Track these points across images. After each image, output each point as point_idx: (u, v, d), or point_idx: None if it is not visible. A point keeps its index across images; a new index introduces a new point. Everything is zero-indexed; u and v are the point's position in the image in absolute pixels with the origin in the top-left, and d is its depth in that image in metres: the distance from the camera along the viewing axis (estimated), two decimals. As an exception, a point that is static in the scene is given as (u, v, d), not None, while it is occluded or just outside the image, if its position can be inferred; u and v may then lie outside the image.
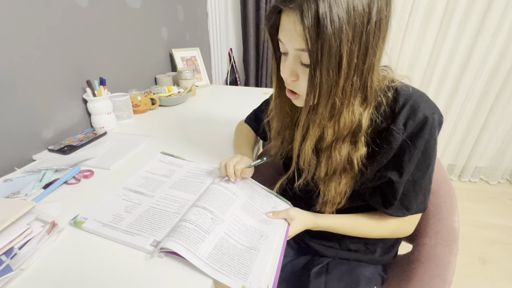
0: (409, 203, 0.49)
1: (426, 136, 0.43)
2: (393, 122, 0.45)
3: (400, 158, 0.46)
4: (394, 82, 0.46)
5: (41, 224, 0.44)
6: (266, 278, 0.40)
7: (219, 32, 1.86)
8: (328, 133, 0.45)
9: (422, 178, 0.47)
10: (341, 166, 0.48)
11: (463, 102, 1.75)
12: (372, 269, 0.61)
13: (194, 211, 0.49)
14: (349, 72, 0.39)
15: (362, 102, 0.44)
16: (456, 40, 1.60)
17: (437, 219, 0.58)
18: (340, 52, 0.37)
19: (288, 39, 0.41)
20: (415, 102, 0.44)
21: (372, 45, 0.38)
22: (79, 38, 0.83)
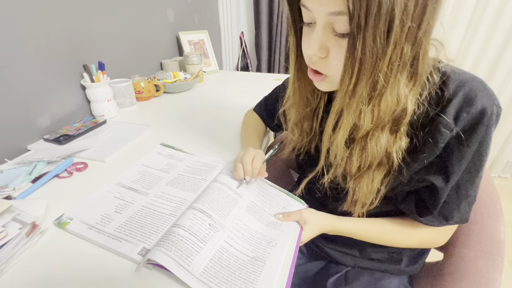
0: (450, 212, 0.40)
1: (482, 133, 0.34)
2: (441, 113, 0.35)
3: (447, 159, 0.37)
4: (441, 63, 0.37)
5: (19, 226, 0.40)
6: None
7: (230, 14, 1.75)
8: (365, 119, 0.36)
9: (469, 184, 0.38)
10: (378, 159, 0.39)
11: (499, 88, 1.58)
12: (397, 282, 0.53)
13: (190, 215, 0.42)
14: (401, 38, 0.30)
15: (409, 79, 0.34)
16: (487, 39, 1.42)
17: (477, 227, 0.48)
18: (392, 12, 0.28)
19: (319, 1, 0.32)
20: (472, 89, 0.34)
21: (432, 2, 0.29)
22: (76, 18, 0.76)
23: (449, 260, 0.51)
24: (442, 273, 0.51)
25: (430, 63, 0.35)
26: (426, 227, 0.45)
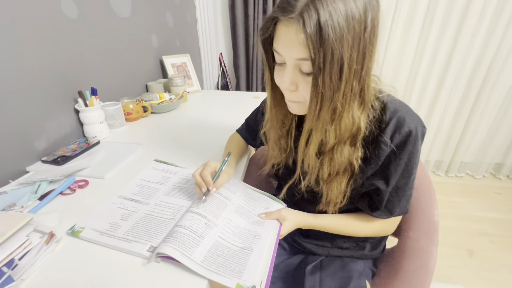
0: (393, 207, 0.53)
1: (410, 148, 0.47)
2: (381, 134, 0.48)
3: (386, 168, 0.49)
4: (382, 93, 0.49)
5: (40, 235, 0.46)
6: (259, 274, 0.43)
7: (209, 37, 1.88)
8: (330, 136, 0.46)
9: (405, 185, 0.51)
10: (343, 167, 0.50)
11: (447, 102, 1.82)
12: (363, 264, 0.64)
13: (189, 217, 0.51)
14: (350, 77, 0.41)
15: (359, 105, 0.46)
16: (437, 43, 1.67)
17: (418, 213, 0.61)
18: (341, 59, 0.38)
19: (288, 50, 0.42)
20: (401, 117, 0.47)
21: (369, 50, 0.41)
22: (69, 49, 0.84)
23: (400, 242, 0.64)
24: (397, 254, 0.63)
25: (372, 93, 0.47)
26: (378, 219, 0.57)
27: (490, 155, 1.92)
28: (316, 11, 0.36)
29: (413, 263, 0.57)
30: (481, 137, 1.88)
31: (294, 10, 0.38)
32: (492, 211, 1.69)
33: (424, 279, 0.54)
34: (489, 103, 1.76)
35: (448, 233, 1.52)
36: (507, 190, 1.88)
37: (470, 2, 1.53)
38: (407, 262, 0.58)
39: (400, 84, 1.84)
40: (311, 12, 0.37)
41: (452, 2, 1.56)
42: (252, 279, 0.42)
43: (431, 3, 1.59)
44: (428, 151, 2.00)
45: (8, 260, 0.40)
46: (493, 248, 1.42)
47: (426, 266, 0.55)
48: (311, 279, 0.60)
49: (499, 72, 1.67)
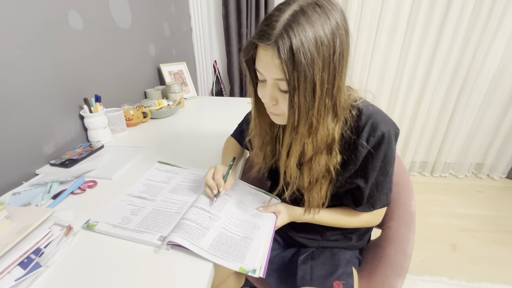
0: (374, 202, 0.60)
1: (384, 148, 0.53)
2: (358, 137, 0.54)
3: (365, 167, 0.56)
4: (357, 102, 0.55)
5: (60, 228, 0.51)
6: (259, 259, 0.49)
7: (203, 46, 1.95)
8: (308, 148, 0.52)
9: (384, 181, 0.58)
10: (321, 174, 0.55)
11: (429, 106, 1.94)
12: (350, 254, 0.70)
13: (194, 212, 0.57)
14: (322, 96, 0.46)
15: (333, 118, 0.51)
16: (418, 52, 1.79)
17: (398, 205, 0.69)
18: (313, 80, 0.43)
19: (267, 71, 0.47)
20: (375, 121, 0.52)
21: (338, 71, 0.46)
22: (75, 58, 0.89)
23: (383, 232, 0.71)
24: (381, 242, 0.70)
25: (347, 105, 0.53)
26: (363, 213, 0.63)
27: (471, 156, 2.04)
28: (289, 39, 0.41)
29: (394, 248, 0.64)
30: (462, 139, 2.00)
31: (271, 38, 0.43)
32: (473, 208, 1.79)
33: (403, 261, 0.61)
34: (468, 107, 1.88)
35: (433, 229, 1.61)
36: (487, 188, 1.99)
37: (448, 13, 1.66)
38: (389, 248, 0.65)
39: (385, 91, 1.94)
40: (285, 40, 0.41)
41: (431, 14, 1.68)
42: (253, 264, 0.48)
43: (412, 14, 1.71)
44: (413, 153, 2.11)
45: (35, 248, 0.45)
46: (474, 242, 1.52)
47: (405, 251, 0.62)
48: (303, 268, 0.67)
49: (475, 78, 1.79)
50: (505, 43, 1.68)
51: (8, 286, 0.39)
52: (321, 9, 0.43)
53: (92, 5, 0.95)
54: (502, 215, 1.73)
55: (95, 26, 0.97)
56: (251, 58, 0.52)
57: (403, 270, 0.60)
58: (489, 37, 1.67)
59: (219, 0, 1.89)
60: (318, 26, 0.42)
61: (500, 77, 1.79)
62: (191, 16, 1.83)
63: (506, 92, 1.83)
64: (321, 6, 0.43)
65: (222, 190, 0.62)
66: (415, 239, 0.64)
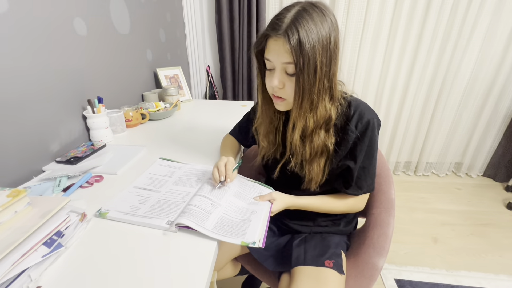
0: (361, 184, 0.68)
1: (369, 134, 0.63)
2: (348, 124, 0.64)
3: (354, 150, 0.65)
4: (346, 94, 0.66)
5: (76, 214, 0.56)
6: (258, 233, 0.56)
7: (197, 51, 2.02)
8: (309, 122, 0.61)
9: (369, 165, 0.67)
10: (320, 148, 0.64)
11: (411, 109, 2.07)
12: (339, 238, 0.78)
13: (198, 199, 0.63)
14: (321, 76, 0.57)
15: (329, 99, 0.62)
16: (400, 57, 1.92)
17: (380, 194, 0.77)
18: (315, 62, 0.54)
19: (277, 56, 0.57)
20: (362, 110, 0.63)
21: (334, 58, 0.57)
22: (79, 62, 0.94)
23: (367, 219, 0.78)
24: (364, 228, 0.77)
25: (339, 94, 0.64)
26: (350, 197, 0.71)
27: (450, 156, 2.17)
28: (296, 30, 0.53)
29: (376, 232, 0.71)
30: (442, 140, 2.13)
31: (281, 29, 0.55)
32: (453, 204, 1.91)
33: (384, 243, 0.69)
34: (446, 109, 2.02)
35: (416, 224, 1.71)
36: (466, 186, 2.12)
37: (425, 21, 1.79)
38: (371, 232, 0.73)
39: (370, 94, 2.06)
40: (293, 31, 0.53)
41: (411, 21, 1.81)
42: (253, 237, 0.54)
43: (393, 21, 1.84)
44: (398, 154, 2.22)
45: (57, 231, 0.50)
46: (454, 235, 1.62)
47: (386, 233, 0.69)
48: (297, 250, 0.74)
49: (452, 81, 1.93)
50: (477, 49, 1.83)
51: (36, 261, 0.44)
52: (319, 10, 0.55)
53: (95, 12, 1.01)
54: (479, 210, 1.85)
55: (98, 32, 1.03)
56: (260, 50, 0.62)
57: (384, 251, 0.68)
58: (463, 43, 1.82)
59: (213, 7, 1.97)
60: (318, 22, 0.54)
61: (474, 80, 1.93)
62: (185, 23, 1.90)
63: (480, 94, 1.98)
64: (319, 8, 0.56)
65: (228, 180, 0.69)
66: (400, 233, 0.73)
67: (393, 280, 1.31)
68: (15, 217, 0.48)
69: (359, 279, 0.68)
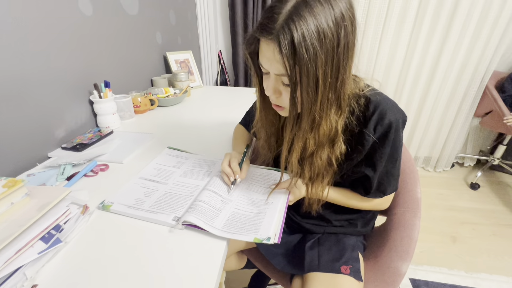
0: (385, 188, 0.61)
1: (392, 137, 0.53)
2: (365, 126, 0.53)
3: (372, 156, 0.56)
4: (364, 90, 0.54)
5: (77, 206, 0.52)
6: (273, 228, 0.51)
7: (209, 35, 1.94)
8: (310, 143, 0.51)
9: (393, 168, 0.59)
10: (322, 169, 0.55)
11: (436, 100, 1.93)
12: (355, 239, 0.72)
13: (206, 194, 0.58)
14: (325, 90, 0.45)
15: (336, 111, 0.50)
16: (427, 43, 1.77)
17: (404, 192, 0.70)
18: (316, 75, 0.42)
19: (269, 65, 0.46)
20: (383, 109, 0.52)
21: (343, 64, 0.44)
22: (84, 44, 0.89)
23: (388, 219, 0.72)
24: (385, 228, 0.71)
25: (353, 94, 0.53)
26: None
27: (475, 151, 2.04)
28: (290, 32, 0.40)
29: (400, 233, 0.65)
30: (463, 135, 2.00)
31: (272, 31, 0.42)
32: (474, 201, 1.81)
33: (408, 246, 0.62)
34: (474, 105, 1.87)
35: (434, 221, 1.63)
36: (488, 183, 2.00)
37: (458, 4, 1.63)
38: (394, 233, 0.66)
39: (391, 83, 1.94)
40: (286, 34, 0.40)
41: (441, 4, 1.65)
42: (267, 232, 0.49)
43: (422, 4, 1.69)
44: (417, 148, 2.11)
45: (55, 225, 0.46)
46: (474, 235, 1.54)
47: (411, 236, 0.63)
48: (310, 253, 0.68)
49: (483, 74, 1.78)
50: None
51: (32, 258, 0.41)
52: None
53: (101, -10, 0.95)
54: (502, 209, 1.74)
55: (104, 12, 0.97)
56: (254, 51, 0.50)
57: (408, 255, 0.62)
58: (500, 31, 1.65)
59: (226, -11, 1.87)
60: (321, 18, 0.40)
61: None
62: (197, 4, 1.81)
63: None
64: None
65: (238, 177, 0.62)
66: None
67: (407, 279, 1.26)
68: (11, 209, 0.45)
69: (379, 284, 0.63)
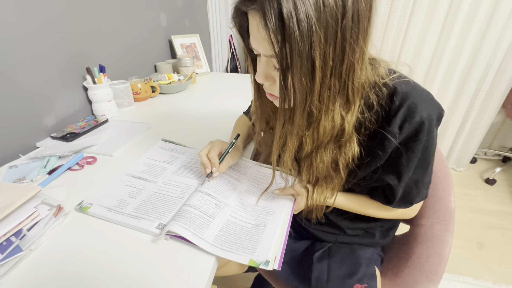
0: (413, 198, 0.50)
1: (424, 138, 0.41)
2: (388, 124, 0.42)
3: (397, 162, 0.45)
4: (386, 78, 0.43)
5: (48, 207, 0.46)
6: (273, 249, 0.42)
7: (219, 18, 1.82)
8: (306, 142, 0.41)
9: (423, 175, 0.47)
10: (324, 172, 0.45)
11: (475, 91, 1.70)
12: (371, 251, 0.62)
13: (198, 197, 0.50)
14: (325, 77, 0.35)
15: (343, 105, 0.39)
16: (467, 24, 1.54)
17: (434, 200, 0.59)
18: (311, 56, 0.32)
19: (257, 44, 0.37)
20: (413, 103, 0.40)
21: (350, 42, 0.34)
22: (77, 23, 0.82)
23: (413, 229, 0.61)
24: (408, 240, 0.61)
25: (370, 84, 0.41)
26: None
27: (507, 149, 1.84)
28: (277, 0, 0.30)
29: (427, 249, 0.55)
30: (504, 130, 1.79)
31: (256, 0, 0.33)
32: (505, 204, 1.64)
33: (437, 266, 0.52)
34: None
35: (459, 225, 1.49)
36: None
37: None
38: (419, 248, 0.56)
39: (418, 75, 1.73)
40: (273, 2, 0.31)
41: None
42: (265, 254, 0.41)
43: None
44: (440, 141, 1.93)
45: (17, 231, 0.40)
46: (504, 242, 1.39)
47: (440, 254, 0.53)
48: (318, 266, 0.59)
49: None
50: None
51: (-19, 273, 0.35)
52: None
53: (96, -37, 0.86)
54: (538, 214, 1.57)
55: (99, -12, 0.89)
56: (243, 27, 0.41)
57: (437, 276, 0.52)
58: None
59: (237, -33, 1.73)
60: None
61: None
62: (206, -16, 1.69)
63: None
64: None
65: (214, 170, 0.54)
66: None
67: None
68: (-34, 212, 0.39)
69: (398, 308, 0.54)
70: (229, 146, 0.58)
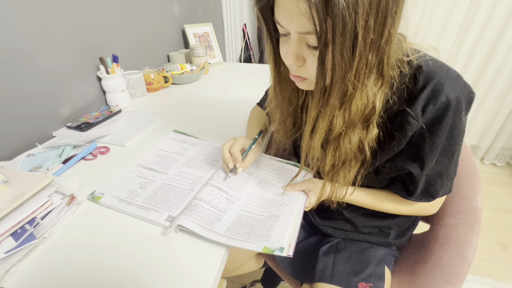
0: (436, 191, 0.46)
1: (449, 121, 0.38)
2: (410, 104, 0.39)
3: (419, 148, 0.41)
4: (415, 54, 0.40)
5: (61, 196, 0.46)
6: (288, 236, 0.41)
7: (233, 7, 1.78)
8: (337, 123, 0.38)
9: (449, 165, 0.43)
10: (351, 155, 0.42)
11: (493, 78, 1.61)
12: (384, 251, 0.59)
13: (209, 191, 0.49)
14: (364, 51, 0.32)
15: (376, 80, 0.37)
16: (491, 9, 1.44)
17: (458, 199, 0.55)
18: (355, 29, 0.30)
19: (289, 21, 0.35)
20: (439, 82, 0.37)
21: (391, 12, 0.31)
22: (91, 13, 0.81)
23: (434, 229, 0.58)
24: (428, 240, 0.58)
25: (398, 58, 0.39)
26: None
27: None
28: None
29: (448, 251, 0.51)
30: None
31: None
32: (533, 203, 1.54)
33: (460, 269, 0.49)
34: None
35: (482, 224, 1.42)
36: (554, 182, 1.70)
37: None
38: (440, 249, 0.53)
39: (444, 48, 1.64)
40: None
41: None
42: (280, 241, 0.40)
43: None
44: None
45: (31, 219, 0.40)
46: (531, 243, 1.31)
47: (464, 256, 0.49)
48: (324, 260, 0.57)
49: None
50: None
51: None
52: None
53: (108, -50, 0.85)
54: None
55: (112, -24, 0.87)
56: (267, 4, 0.38)
57: (459, 279, 0.49)
58: None
59: (252, -48, 1.67)
60: None
61: None
62: (220, -29, 1.65)
63: None
64: None
65: (238, 166, 0.52)
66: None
67: None
68: (-17, 199, 0.40)
69: (414, 310, 0.51)
70: (252, 142, 0.56)
